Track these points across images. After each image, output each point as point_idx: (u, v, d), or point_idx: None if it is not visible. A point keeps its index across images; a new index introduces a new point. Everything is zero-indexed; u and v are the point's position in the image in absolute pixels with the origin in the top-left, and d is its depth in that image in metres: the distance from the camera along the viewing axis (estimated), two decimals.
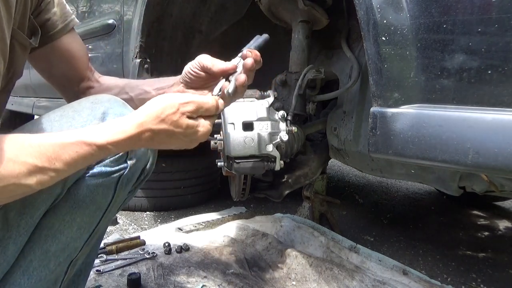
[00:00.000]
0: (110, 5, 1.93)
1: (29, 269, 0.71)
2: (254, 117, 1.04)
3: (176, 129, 0.65)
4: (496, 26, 0.65)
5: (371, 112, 0.83)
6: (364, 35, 0.82)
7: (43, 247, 0.71)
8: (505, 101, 0.66)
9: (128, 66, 1.71)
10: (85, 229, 0.76)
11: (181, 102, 0.65)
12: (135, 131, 0.63)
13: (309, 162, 1.45)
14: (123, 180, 0.80)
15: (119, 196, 0.80)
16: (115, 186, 0.79)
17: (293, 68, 1.33)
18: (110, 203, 0.79)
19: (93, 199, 0.75)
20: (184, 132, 0.66)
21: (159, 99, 0.66)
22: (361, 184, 3.13)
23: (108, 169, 0.77)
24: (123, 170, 0.79)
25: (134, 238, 1.54)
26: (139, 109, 0.66)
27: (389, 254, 1.65)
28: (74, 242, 0.75)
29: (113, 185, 0.79)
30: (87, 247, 0.79)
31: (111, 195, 0.79)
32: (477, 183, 1.11)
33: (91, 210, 0.76)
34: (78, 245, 0.77)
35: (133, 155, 0.81)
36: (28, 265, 0.71)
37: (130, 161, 0.80)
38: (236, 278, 1.30)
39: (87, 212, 0.76)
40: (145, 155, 0.86)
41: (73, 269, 0.79)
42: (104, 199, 0.78)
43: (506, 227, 2.26)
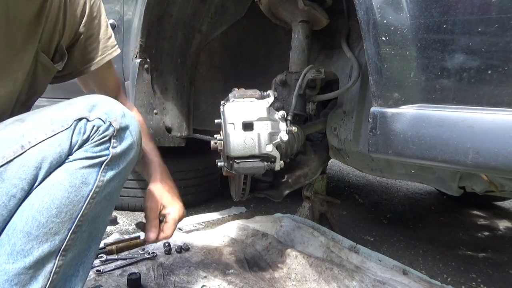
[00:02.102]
0: (110, 5, 1.93)
1: (13, 252, 0.71)
2: (254, 117, 1.04)
3: None
4: (496, 26, 0.65)
5: (371, 112, 0.83)
6: (364, 35, 0.82)
7: (24, 229, 0.72)
8: (505, 101, 0.66)
9: (128, 66, 1.71)
10: (65, 213, 0.75)
11: None
12: None
13: (309, 162, 1.45)
14: (106, 167, 0.81)
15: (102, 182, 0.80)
16: (97, 172, 0.80)
17: (293, 68, 1.33)
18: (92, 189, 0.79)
19: (72, 182, 0.76)
20: None
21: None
22: (361, 184, 3.13)
23: (89, 154, 0.79)
24: (104, 156, 0.80)
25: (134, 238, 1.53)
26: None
27: (389, 254, 1.65)
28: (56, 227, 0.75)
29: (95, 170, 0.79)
30: (74, 238, 0.78)
31: (93, 180, 0.79)
32: (477, 183, 1.11)
33: (70, 193, 0.76)
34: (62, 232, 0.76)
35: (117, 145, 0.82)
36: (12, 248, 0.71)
37: (113, 149, 0.81)
38: (236, 278, 1.30)
39: (66, 195, 0.76)
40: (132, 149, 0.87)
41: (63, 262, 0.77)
42: (84, 184, 0.78)
43: (506, 227, 2.26)
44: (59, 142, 0.77)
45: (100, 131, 0.81)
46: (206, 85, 1.88)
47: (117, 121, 0.83)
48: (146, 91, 1.73)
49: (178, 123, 1.84)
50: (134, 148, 0.89)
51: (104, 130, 0.82)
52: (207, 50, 1.82)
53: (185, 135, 1.86)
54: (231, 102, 1.08)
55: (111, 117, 0.83)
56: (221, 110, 1.07)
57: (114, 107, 0.86)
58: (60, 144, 0.77)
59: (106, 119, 0.82)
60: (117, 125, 0.83)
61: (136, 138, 0.90)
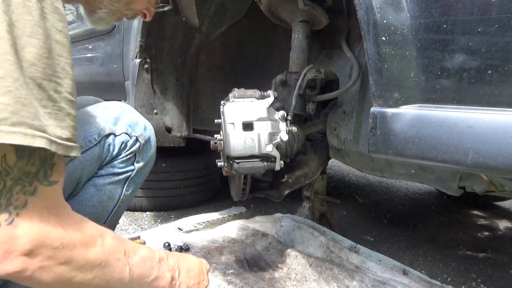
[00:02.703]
0: None
1: None
2: (254, 117, 1.04)
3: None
4: (496, 26, 0.65)
5: (371, 112, 0.83)
6: (364, 35, 0.82)
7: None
8: (505, 101, 0.66)
9: (128, 66, 1.71)
10: None
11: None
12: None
13: (309, 162, 1.44)
14: (130, 181, 0.82)
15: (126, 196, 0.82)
16: (122, 187, 0.81)
17: (293, 68, 1.33)
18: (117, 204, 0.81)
19: (100, 198, 0.77)
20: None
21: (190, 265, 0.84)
22: (361, 184, 3.13)
23: (116, 170, 0.80)
24: (130, 172, 0.82)
25: (134, 238, 1.54)
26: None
27: (389, 254, 1.65)
28: None
29: (120, 186, 0.81)
30: None
31: (118, 195, 0.81)
32: (477, 183, 1.11)
33: (98, 209, 0.78)
34: None
35: (141, 159, 0.84)
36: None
37: (137, 164, 0.83)
38: (236, 278, 1.30)
39: (93, 211, 0.77)
40: (152, 159, 0.90)
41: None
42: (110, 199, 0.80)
43: (506, 227, 2.26)
44: (90, 159, 0.78)
45: (128, 146, 0.83)
46: (206, 85, 1.88)
47: (142, 135, 0.86)
48: (146, 91, 1.73)
49: (178, 123, 1.84)
50: (153, 158, 0.92)
51: (131, 145, 0.84)
52: (207, 50, 1.82)
53: (185, 135, 1.86)
54: (231, 102, 1.08)
55: (136, 131, 0.85)
56: (221, 110, 1.07)
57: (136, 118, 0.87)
58: (91, 162, 0.78)
59: (131, 133, 0.84)
60: (142, 140, 0.86)
61: (155, 149, 0.92)
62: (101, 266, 0.60)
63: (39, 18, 0.53)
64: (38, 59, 0.52)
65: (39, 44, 0.52)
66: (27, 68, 0.51)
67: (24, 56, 0.51)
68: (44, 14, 0.53)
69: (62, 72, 0.56)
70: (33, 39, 0.52)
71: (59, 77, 0.55)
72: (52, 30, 0.55)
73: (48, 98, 0.53)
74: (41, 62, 0.52)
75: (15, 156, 0.51)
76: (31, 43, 0.52)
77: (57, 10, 0.56)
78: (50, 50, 0.54)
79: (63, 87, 0.56)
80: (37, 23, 0.52)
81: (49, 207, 0.54)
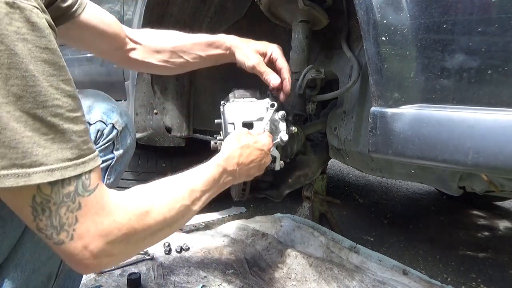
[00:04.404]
0: (110, 5, 1.93)
1: (22, 261, 0.71)
2: (254, 117, 1.04)
3: (249, 142, 0.91)
4: (496, 26, 0.65)
5: (371, 112, 0.83)
6: (364, 35, 0.82)
7: (34, 239, 0.71)
8: (505, 101, 0.66)
9: None
10: None
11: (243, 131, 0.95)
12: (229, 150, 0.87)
13: (309, 162, 1.44)
14: (111, 170, 0.81)
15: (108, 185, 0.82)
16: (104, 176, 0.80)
17: (293, 68, 1.33)
18: None
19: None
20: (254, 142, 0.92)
21: (232, 135, 0.93)
22: (361, 184, 3.13)
23: None
24: (110, 160, 0.81)
25: None
26: (225, 144, 0.90)
27: (389, 254, 1.65)
28: None
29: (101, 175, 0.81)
30: None
31: None
32: (477, 183, 1.11)
33: None
34: None
35: (120, 146, 0.83)
36: (20, 258, 0.71)
37: (116, 152, 0.82)
38: (236, 278, 1.30)
39: None
40: (132, 146, 0.89)
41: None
42: None
43: (506, 227, 2.26)
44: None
45: (105, 134, 0.82)
46: (206, 85, 1.88)
47: (119, 122, 0.84)
48: (146, 91, 1.73)
49: (178, 123, 1.84)
50: (133, 145, 0.91)
51: (108, 133, 0.82)
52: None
53: (185, 135, 1.86)
54: (231, 102, 1.08)
55: (112, 119, 0.83)
56: (221, 110, 1.07)
57: (111, 106, 0.85)
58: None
59: (106, 121, 0.82)
60: (119, 127, 0.84)
61: (133, 135, 0.91)
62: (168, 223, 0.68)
63: (14, 45, 0.48)
64: (25, 90, 0.49)
65: (21, 74, 0.49)
66: (14, 103, 0.49)
67: (9, 90, 0.48)
68: (20, 36, 0.49)
69: (56, 93, 0.53)
70: (13, 70, 0.48)
71: (55, 99, 0.53)
72: (35, 51, 0.51)
73: (46, 125, 0.52)
74: (28, 92, 0.50)
75: (48, 185, 0.53)
76: (12, 74, 0.48)
77: (35, 25, 0.50)
78: (36, 75, 0.50)
79: (62, 108, 0.53)
80: (13, 51, 0.48)
81: (98, 212, 0.57)
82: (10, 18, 0.48)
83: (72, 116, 0.55)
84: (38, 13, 0.52)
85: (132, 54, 1.04)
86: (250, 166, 0.90)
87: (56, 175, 0.52)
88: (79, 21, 0.89)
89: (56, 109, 0.53)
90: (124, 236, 0.60)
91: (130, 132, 0.90)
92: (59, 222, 0.54)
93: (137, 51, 1.05)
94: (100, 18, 0.95)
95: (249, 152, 0.89)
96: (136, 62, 1.06)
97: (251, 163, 0.90)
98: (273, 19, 1.41)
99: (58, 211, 0.54)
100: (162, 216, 0.65)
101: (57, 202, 0.54)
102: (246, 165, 0.89)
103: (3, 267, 0.70)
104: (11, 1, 0.49)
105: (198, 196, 0.74)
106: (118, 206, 0.60)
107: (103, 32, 0.96)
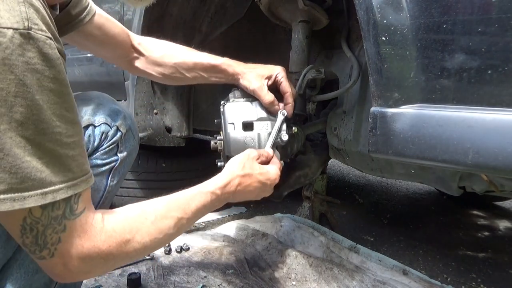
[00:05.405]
0: (110, 5, 1.93)
1: (25, 262, 0.72)
2: (254, 117, 1.04)
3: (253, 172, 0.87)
4: (496, 26, 0.65)
5: (371, 112, 0.83)
6: (364, 35, 0.82)
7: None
8: (505, 101, 0.66)
9: None
10: None
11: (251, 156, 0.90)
12: (229, 177, 0.84)
13: (309, 162, 1.44)
14: (115, 172, 0.82)
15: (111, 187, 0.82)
16: (107, 178, 0.81)
17: (293, 68, 1.33)
18: (103, 195, 0.81)
19: None
20: (259, 174, 0.89)
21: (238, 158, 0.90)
22: (361, 184, 3.13)
23: (99, 162, 0.79)
24: (114, 162, 0.81)
25: None
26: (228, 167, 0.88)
27: (389, 254, 1.65)
28: None
29: (105, 177, 0.81)
30: None
31: (103, 187, 0.80)
32: (477, 183, 1.11)
33: None
34: None
35: (123, 148, 0.84)
36: (24, 258, 0.71)
37: (120, 154, 0.83)
38: (236, 278, 1.30)
39: None
40: (135, 149, 0.89)
41: None
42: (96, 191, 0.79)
43: (506, 227, 2.26)
44: None
45: (109, 137, 0.82)
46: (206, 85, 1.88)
47: (123, 125, 0.85)
48: (146, 91, 1.73)
49: (178, 123, 1.84)
50: (136, 147, 0.91)
51: (113, 135, 0.83)
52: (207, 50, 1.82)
53: (185, 135, 1.86)
54: (231, 102, 1.08)
55: (117, 121, 0.84)
56: (221, 110, 1.07)
57: (115, 108, 0.86)
58: None
59: (111, 123, 0.83)
60: (123, 129, 0.85)
61: (137, 138, 0.91)
62: (148, 248, 0.69)
63: (23, 75, 0.50)
64: (28, 117, 0.51)
65: (26, 103, 0.51)
66: (15, 129, 0.51)
67: (12, 116, 0.50)
68: (30, 67, 0.51)
69: (57, 120, 0.55)
70: (19, 99, 0.50)
71: (56, 126, 0.54)
72: (43, 80, 0.52)
73: (43, 151, 0.54)
74: (31, 120, 0.52)
75: (39, 208, 0.55)
76: (17, 102, 0.50)
77: (46, 57, 0.52)
78: (41, 104, 0.52)
79: (61, 134, 0.55)
80: (21, 81, 0.50)
81: (80, 235, 0.60)
82: (23, 49, 0.50)
83: (69, 141, 0.57)
84: (51, 44, 0.54)
85: (134, 63, 1.08)
86: (245, 195, 0.88)
87: (48, 197, 0.55)
88: (85, 29, 0.92)
89: (55, 135, 0.55)
90: (101, 259, 0.62)
91: (134, 134, 0.91)
92: (43, 241, 0.57)
93: (139, 61, 1.08)
94: (107, 28, 0.98)
95: (249, 183, 0.86)
96: (138, 69, 1.09)
97: (248, 193, 0.88)
98: (273, 19, 1.41)
99: (44, 232, 0.57)
100: (142, 245, 0.67)
101: (45, 224, 0.57)
102: (241, 193, 0.86)
103: (7, 267, 0.70)
104: (26, 32, 0.50)
105: (184, 223, 0.74)
106: (100, 231, 0.62)
107: (108, 41, 0.99)
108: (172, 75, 1.09)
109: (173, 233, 0.72)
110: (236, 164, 0.87)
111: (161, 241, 0.70)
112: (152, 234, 0.68)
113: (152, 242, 0.68)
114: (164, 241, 0.72)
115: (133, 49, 1.06)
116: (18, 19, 0.50)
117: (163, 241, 0.71)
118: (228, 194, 0.84)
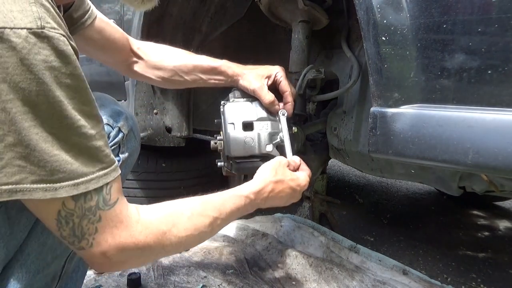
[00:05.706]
0: (110, 5, 1.93)
1: (27, 262, 0.72)
2: (254, 117, 1.04)
3: (285, 178, 0.90)
4: (496, 26, 0.65)
5: (371, 112, 0.83)
6: (364, 35, 0.82)
7: (39, 240, 0.72)
8: (505, 101, 0.66)
9: None
10: None
11: (282, 163, 0.93)
12: (263, 183, 0.86)
13: (309, 162, 1.44)
14: None
15: None
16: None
17: (293, 68, 1.33)
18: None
19: None
20: (290, 180, 0.91)
21: (270, 165, 0.91)
22: (361, 184, 3.13)
23: None
24: None
25: None
26: (260, 173, 0.89)
27: (389, 254, 1.65)
28: None
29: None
30: None
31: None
32: (477, 183, 1.11)
33: None
34: None
35: (125, 149, 0.84)
36: (26, 258, 0.72)
37: (122, 155, 0.84)
38: (236, 278, 1.30)
39: None
40: (136, 149, 0.89)
41: (71, 264, 0.79)
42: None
43: (506, 227, 2.26)
44: None
45: (111, 137, 0.83)
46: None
47: (125, 125, 0.86)
48: (146, 91, 1.73)
49: (178, 123, 1.84)
50: (138, 148, 0.92)
51: (114, 136, 0.84)
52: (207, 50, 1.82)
53: (185, 135, 1.86)
54: (231, 102, 1.08)
55: (118, 122, 0.85)
56: (221, 110, 1.07)
57: (117, 109, 0.87)
58: None
59: (113, 124, 0.84)
60: (125, 130, 0.86)
61: (139, 138, 0.92)
62: (184, 245, 0.71)
63: (42, 74, 0.51)
64: (51, 113, 0.53)
65: (48, 100, 0.52)
66: (41, 125, 0.52)
67: (38, 114, 0.52)
68: (48, 64, 0.52)
69: (79, 114, 0.56)
70: (41, 97, 0.52)
71: (78, 119, 0.56)
72: (61, 77, 0.53)
73: (71, 144, 0.55)
74: (55, 116, 0.53)
75: (72, 200, 0.57)
76: (40, 100, 0.52)
77: (62, 53, 0.53)
78: (62, 100, 0.54)
79: (84, 127, 0.57)
80: (41, 80, 0.51)
81: (116, 225, 0.61)
82: (38, 48, 0.51)
83: (93, 133, 0.58)
84: (65, 41, 0.54)
85: (133, 67, 1.09)
86: (276, 201, 0.90)
87: (81, 188, 0.56)
88: (86, 33, 0.93)
89: (80, 129, 0.56)
90: (139, 250, 0.64)
91: (135, 135, 0.91)
92: (80, 232, 0.59)
93: (138, 65, 1.09)
94: (107, 33, 0.99)
95: (281, 188, 0.89)
96: (137, 73, 1.10)
97: (279, 199, 0.90)
98: (273, 19, 1.41)
99: (80, 223, 0.59)
100: (178, 239, 0.68)
101: (80, 215, 0.58)
102: (273, 199, 0.88)
103: (9, 267, 0.70)
104: (40, 31, 0.51)
105: (218, 224, 0.76)
106: (137, 222, 0.64)
107: (108, 46, 1.00)
108: (172, 78, 1.09)
109: (207, 232, 0.73)
110: (268, 170, 0.89)
111: (195, 238, 0.71)
112: (188, 230, 0.69)
113: (187, 238, 0.69)
114: (197, 240, 0.72)
115: (132, 53, 1.07)
116: (31, 19, 0.51)
117: (197, 239, 0.72)
118: (261, 199, 0.85)
